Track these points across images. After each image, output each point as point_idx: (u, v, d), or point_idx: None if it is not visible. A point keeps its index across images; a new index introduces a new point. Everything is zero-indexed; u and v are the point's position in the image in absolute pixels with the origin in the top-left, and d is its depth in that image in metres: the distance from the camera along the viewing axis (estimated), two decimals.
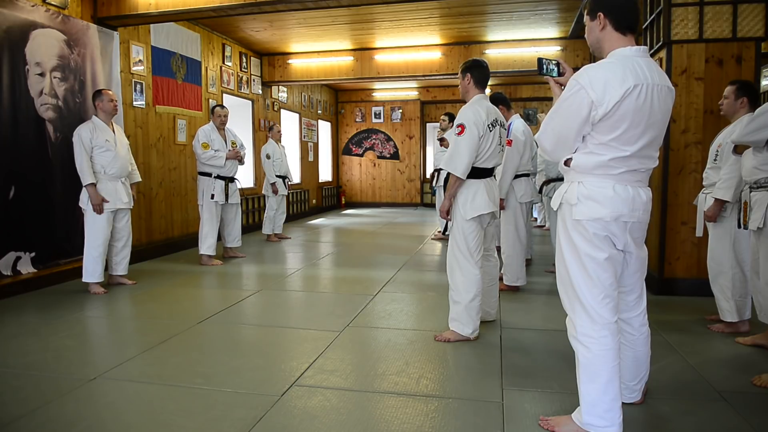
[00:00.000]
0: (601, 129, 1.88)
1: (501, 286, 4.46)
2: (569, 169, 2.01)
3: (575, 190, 1.97)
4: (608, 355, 1.96)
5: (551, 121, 1.96)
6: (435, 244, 7.26)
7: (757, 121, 2.86)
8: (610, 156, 1.89)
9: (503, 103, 4.51)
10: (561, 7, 6.39)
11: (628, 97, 1.82)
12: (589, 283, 1.97)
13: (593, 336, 1.96)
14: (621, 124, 1.85)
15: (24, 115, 4.45)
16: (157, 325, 3.61)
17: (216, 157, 5.61)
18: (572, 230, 1.98)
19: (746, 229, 3.04)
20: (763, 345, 3.10)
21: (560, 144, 1.97)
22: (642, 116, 1.87)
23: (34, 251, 4.57)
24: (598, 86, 1.82)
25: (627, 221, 1.95)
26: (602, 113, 1.83)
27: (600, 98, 1.82)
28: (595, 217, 1.92)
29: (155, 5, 5.07)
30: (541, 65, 2.02)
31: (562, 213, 2.03)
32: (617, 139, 1.88)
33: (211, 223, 5.69)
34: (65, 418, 2.27)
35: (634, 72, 1.84)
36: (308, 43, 8.30)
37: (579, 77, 1.87)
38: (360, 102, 13.13)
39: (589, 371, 1.98)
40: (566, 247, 2.02)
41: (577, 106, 1.86)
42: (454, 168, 3.15)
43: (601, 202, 1.92)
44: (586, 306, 1.97)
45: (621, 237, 1.96)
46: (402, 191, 13.17)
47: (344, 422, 2.23)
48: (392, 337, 3.35)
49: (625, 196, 1.92)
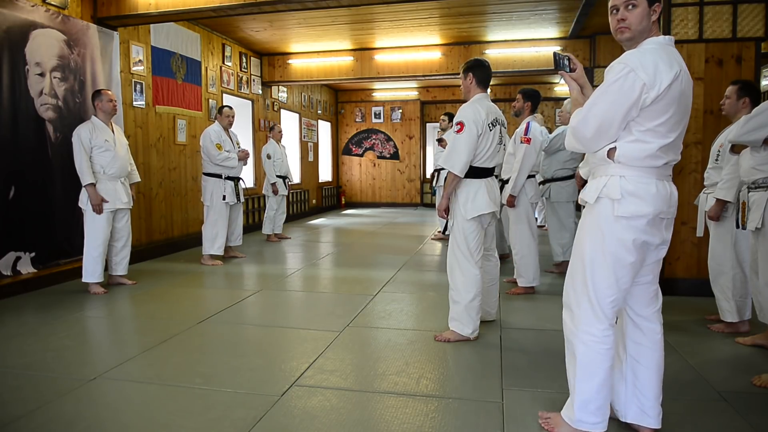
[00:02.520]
0: (648, 114, 1.83)
1: (517, 290, 4.44)
2: (608, 162, 1.92)
3: (617, 184, 1.88)
4: (608, 355, 1.95)
5: (593, 107, 1.86)
6: (435, 244, 7.26)
7: (754, 121, 2.86)
8: (657, 143, 1.84)
9: (532, 100, 4.42)
10: (561, 7, 6.39)
11: (676, 81, 1.80)
12: (608, 282, 1.92)
13: (596, 334, 1.94)
14: (669, 108, 1.82)
15: (24, 115, 4.45)
16: (157, 325, 3.61)
17: (230, 158, 5.65)
18: (608, 228, 1.90)
19: (744, 229, 3.04)
20: (763, 345, 3.10)
21: (602, 131, 1.87)
22: (682, 102, 1.85)
23: (34, 251, 4.57)
24: (650, 69, 1.79)
25: (664, 218, 1.93)
26: (654, 96, 1.79)
27: (652, 81, 1.78)
28: (639, 215, 1.87)
29: (155, 5, 5.07)
30: (557, 61, 1.97)
31: (599, 208, 1.93)
32: (664, 125, 1.84)
33: (221, 224, 5.70)
34: (65, 419, 2.27)
35: (676, 58, 1.84)
36: (308, 43, 8.30)
37: (627, 60, 1.82)
38: (360, 102, 13.13)
39: (586, 369, 1.95)
40: (594, 241, 1.94)
41: (627, 88, 1.80)
42: (451, 165, 3.14)
43: (645, 198, 1.86)
44: (594, 303, 1.94)
45: (658, 234, 1.93)
46: (402, 191, 13.17)
47: (344, 422, 2.23)
48: (392, 337, 3.35)
49: (665, 193, 1.89)
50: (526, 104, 4.42)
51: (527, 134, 4.23)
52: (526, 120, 4.36)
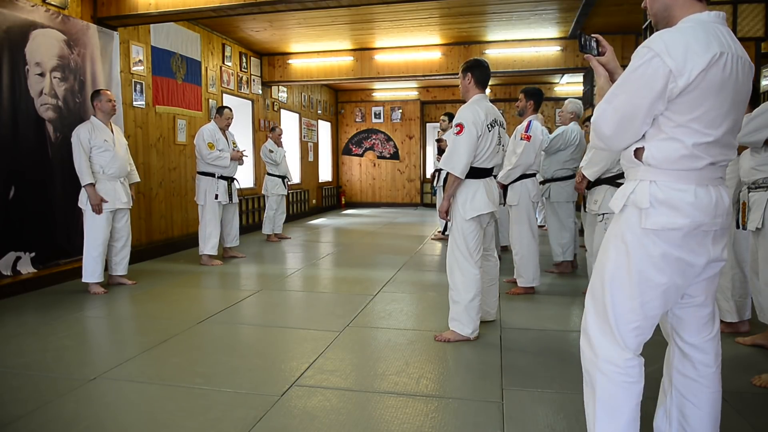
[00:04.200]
0: (678, 106, 1.52)
1: (516, 290, 4.44)
2: (638, 165, 1.62)
3: (646, 190, 1.57)
4: (633, 389, 1.61)
5: (613, 99, 1.57)
6: (435, 244, 7.26)
7: (754, 122, 2.86)
8: (692, 141, 1.52)
9: (534, 99, 4.42)
10: (561, 7, 6.39)
11: (714, 66, 1.47)
12: (630, 305, 1.60)
13: (618, 364, 1.61)
14: (704, 100, 1.50)
15: (24, 115, 4.45)
16: (157, 325, 3.61)
17: (221, 157, 5.63)
18: (634, 241, 1.59)
19: (744, 229, 3.04)
20: (763, 345, 3.10)
21: (624, 127, 1.58)
22: (727, 92, 1.51)
23: (34, 251, 4.57)
24: (677, 52, 1.47)
25: (708, 230, 1.57)
26: (683, 85, 1.47)
27: (680, 67, 1.47)
28: (671, 227, 1.54)
29: (155, 5, 5.07)
30: (582, 41, 1.69)
31: (625, 217, 1.63)
32: (699, 120, 1.51)
33: (213, 223, 5.69)
34: (64, 419, 2.27)
35: (718, 38, 1.50)
36: (308, 43, 8.30)
37: (652, 43, 1.51)
38: (360, 102, 13.13)
39: (608, 406, 1.62)
40: (617, 256, 1.63)
41: (650, 76, 1.50)
42: (452, 167, 3.14)
43: (680, 209, 1.54)
44: (613, 328, 1.62)
45: (701, 251, 1.58)
46: (402, 191, 13.17)
47: (344, 422, 2.23)
48: (392, 337, 3.35)
49: (707, 201, 1.54)
50: (528, 103, 4.43)
51: (528, 131, 4.24)
52: (528, 118, 4.37)
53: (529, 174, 4.41)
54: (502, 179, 4.34)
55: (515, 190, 4.39)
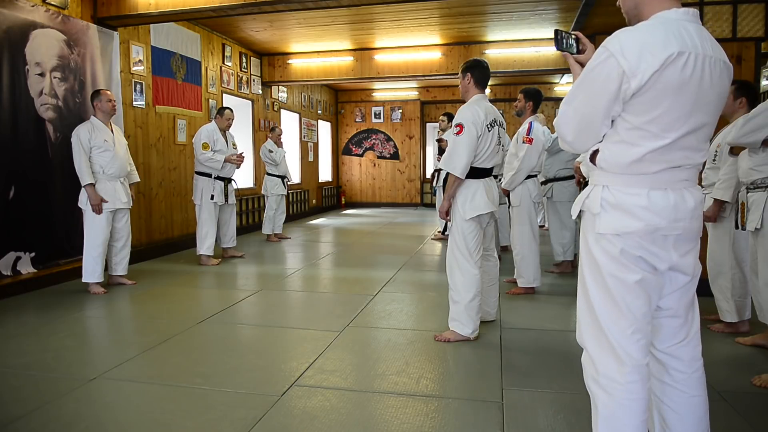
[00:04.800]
0: (634, 108, 1.46)
1: (516, 290, 4.44)
2: (593, 168, 1.59)
3: (598, 195, 1.54)
4: (636, 406, 1.53)
5: (573, 100, 1.53)
6: (435, 244, 7.26)
7: (752, 123, 2.85)
8: (646, 147, 1.47)
9: (533, 100, 4.41)
10: (561, 7, 6.39)
11: (671, 66, 1.41)
12: (616, 312, 1.54)
13: (619, 381, 1.53)
14: (661, 101, 1.44)
15: (24, 115, 4.45)
16: (157, 325, 3.61)
17: (213, 159, 5.62)
18: (594, 245, 1.57)
19: (744, 230, 3.04)
20: (763, 345, 3.10)
21: (584, 129, 1.53)
22: (688, 94, 1.44)
23: (34, 251, 4.57)
24: (632, 52, 1.41)
25: (668, 234, 1.51)
26: (636, 86, 1.42)
27: (634, 67, 1.41)
28: (624, 232, 1.50)
29: (155, 5, 5.07)
30: (559, 39, 1.60)
31: (583, 224, 1.62)
32: (655, 122, 1.46)
33: (209, 223, 5.69)
34: (64, 419, 2.27)
35: (679, 37, 1.43)
36: (308, 43, 8.30)
37: (608, 43, 1.46)
38: (360, 102, 13.13)
39: (610, 425, 1.56)
40: (587, 266, 1.60)
41: (604, 78, 1.45)
42: (452, 168, 3.15)
43: (631, 212, 1.49)
44: (612, 342, 1.54)
45: (663, 255, 1.52)
46: (402, 191, 13.17)
47: (344, 422, 2.23)
48: (392, 337, 3.35)
49: (664, 204, 1.49)
50: (527, 104, 4.42)
51: (529, 134, 4.23)
52: (528, 120, 4.36)
53: (530, 175, 4.42)
54: (507, 185, 4.33)
55: (516, 191, 4.39)
